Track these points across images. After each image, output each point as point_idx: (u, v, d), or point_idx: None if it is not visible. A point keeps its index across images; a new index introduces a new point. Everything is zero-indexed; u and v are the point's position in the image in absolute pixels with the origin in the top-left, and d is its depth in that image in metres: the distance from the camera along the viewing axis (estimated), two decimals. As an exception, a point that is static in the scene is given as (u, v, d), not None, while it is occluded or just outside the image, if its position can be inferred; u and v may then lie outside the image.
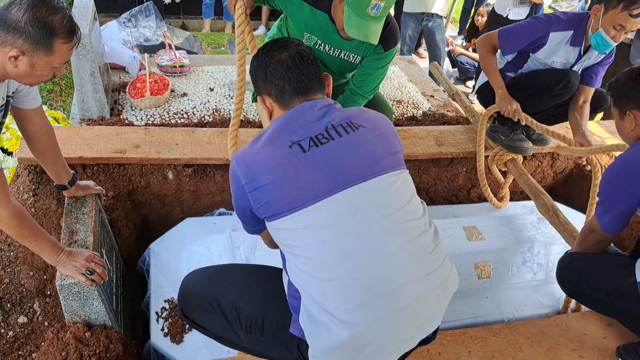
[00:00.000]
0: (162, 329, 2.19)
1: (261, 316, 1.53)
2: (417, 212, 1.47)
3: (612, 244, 2.21)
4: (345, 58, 2.58)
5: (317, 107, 1.48)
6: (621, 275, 1.95)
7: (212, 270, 1.71)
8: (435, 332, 1.57)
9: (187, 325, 2.19)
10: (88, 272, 1.80)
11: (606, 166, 3.43)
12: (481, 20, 6.19)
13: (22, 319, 2.11)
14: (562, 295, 2.58)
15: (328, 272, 1.34)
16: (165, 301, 2.29)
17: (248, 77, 1.78)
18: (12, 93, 1.72)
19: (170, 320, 2.22)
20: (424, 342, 1.55)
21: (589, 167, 3.52)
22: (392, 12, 2.62)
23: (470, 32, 6.63)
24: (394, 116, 3.61)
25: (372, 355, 1.39)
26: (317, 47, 2.54)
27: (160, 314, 2.25)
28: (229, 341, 1.65)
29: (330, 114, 1.48)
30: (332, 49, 2.54)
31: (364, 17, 2.21)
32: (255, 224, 1.53)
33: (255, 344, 1.58)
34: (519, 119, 2.72)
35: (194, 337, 2.16)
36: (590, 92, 2.78)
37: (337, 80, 2.78)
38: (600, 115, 5.00)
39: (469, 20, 6.93)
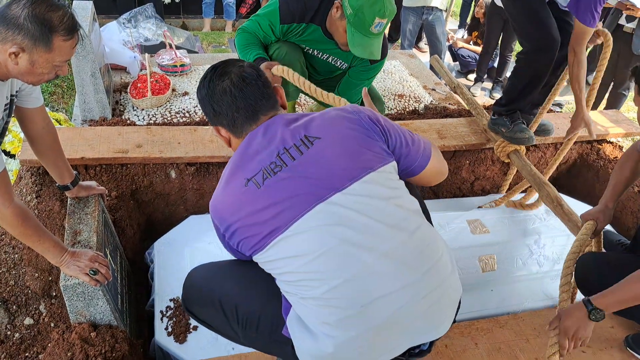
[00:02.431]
0: (167, 328, 2.19)
1: (257, 314, 1.52)
2: (396, 217, 1.39)
3: (615, 232, 2.17)
4: (332, 62, 2.68)
5: (263, 133, 1.45)
6: None
7: (215, 266, 1.71)
8: (431, 345, 1.50)
9: (191, 325, 2.20)
10: (92, 272, 1.80)
11: (610, 155, 3.42)
12: (480, 12, 6.19)
13: (28, 321, 2.11)
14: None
15: (309, 291, 1.35)
16: (170, 300, 2.29)
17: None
18: (17, 92, 1.72)
19: (174, 319, 2.22)
20: (418, 354, 1.49)
21: (592, 156, 3.50)
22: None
23: (471, 24, 6.61)
24: (395, 110, 3.61)
25: None
26: (304, 49, 2.58)
27: (164, 313, 2.25)
28: (229, 335, 1.66)
29: (279, 134, 1.43)
30: (321, 53, 2.61)
31: (367, 35, 2.31)
32: (247, 257, 1.54)
33: (250, 341, 1.61)
34: (518, 111, 2.77)
35: (199, 336, 2.16)
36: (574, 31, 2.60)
37: (324, 76, 2.84)
38: (603, 104, 4.98)
39: (470, 12, 6.91)
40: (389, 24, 2.51)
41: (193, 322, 2.20)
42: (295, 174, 1.38)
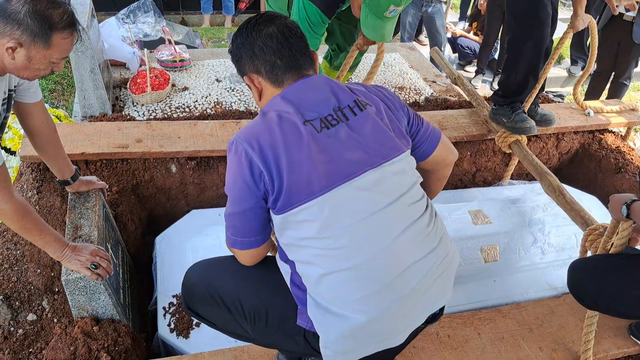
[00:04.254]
0: (169, 324, 2.19)
1: (264, 308, 1.48)
2: (418, 195, 1.46)
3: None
4: None
5: (319, 85, 1.42)
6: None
7: (213, 262, 1.65)
8: (442, 310, 1.56)
9: (194, 321, 2.19)
10: (93, 267, 1.80)
11: (612, 145, 3.41)
12: (484, 4, 6.16)
13: (31, 317, 2.11)
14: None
15: (338, 262, 1.32)
16: (172, 296, 2.28)
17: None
18: (14, 87, 1.71)
19: (177, 315, 2.21)
20: (432, 320, 1.54)
21: (594, 146, 3.49)
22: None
23: (473, 15, 6.59)
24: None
25: (383, 339, 1.39)
26: None
27: (167, 309, 2.24)
28: (235, 333, 1.61)
29: (331, 92, 1.42)
30: None
31: (381, 18, 2.30)
32: (255, 231, 1.43)
33: (261, 335, 1.55)
34: (520, 102, 2.78)
35: (202, 332, 2.16)
36: None
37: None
38: (604, 95, 4.96)
39: (471, 3, 6.89)
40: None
41: (196, 319, 2.20)
42: (350, 134, 1.37)
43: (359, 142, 1.37)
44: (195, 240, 2.49)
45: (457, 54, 6.58)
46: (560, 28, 3.14)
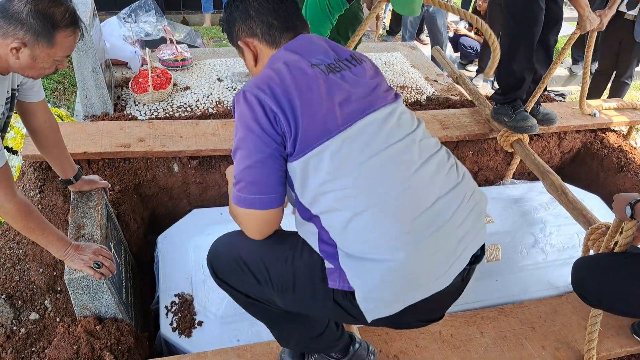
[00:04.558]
0: (172, 324, 2.19)
1: (291, 273, 1.41)
2: (427, 134, 1.46)
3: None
4: None
5: (316, 40, 1.44)
6: None
7: (237, 232, 1.56)
8: (482, 250, 1.46)
9: (197, 320, 2.19)
10: (96, 266, 1.80)
11: (614, 144, 3.41)
12: (482, 5, 6.16)
13: (33, 316, 2.11)
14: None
15: (360, 201, 1.27)
16: (175, 295, 2.28)
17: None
18: (17, 86, 1.72)
19: (179, 314, 2.21)
20: (475, 261, 1.44)
21: (596, 145, 3.49)
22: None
23: (472, 16, 6.58)
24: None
25: (426, 281, 1.30)
26: None
27: (169, 308, 2.24)
28: (265, 301, 1.52)
29: (331, 47, 1.44)
30: None
31: None
32: (274, 185, 1.33)
33: (290, 304, 1.47)
34: (520, 99, 2.78)
35: (204, 331, 2.16)
36: None
37: None
38: (606, 94, 4.96)
39: (472, 4, 6.89)
40: (390, 16, 2.53)
41: (198, 318, 2.19)
42: (353, 78, 1.39)
43: (365, 84, 1.40)
44: (197, 239, 2.49)
45: (458, 53, 6.58)
46: (567, 29, 3.15)
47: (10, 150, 2.73)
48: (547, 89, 4.59)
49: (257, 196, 1.32)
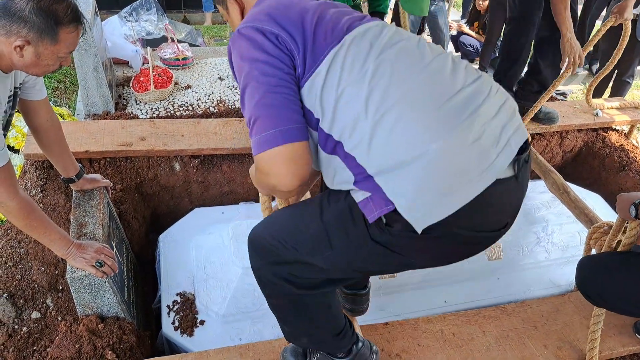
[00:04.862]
0: (173, 322, 2.19)
1: (323, 229, 1.34)
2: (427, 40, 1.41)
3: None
4: None
5: None
6: None
7: (267, 217, 1.56)
8: (527, 143, 1.29)
9: (198, 319, 2.19)
10: (98, 264, 1.80)
11: (615, 143, 3.41)
12: (482, 4, 6.14)
13: (35, 315, 2.11)
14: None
15: (379, 103, 1.18)
16: (176, 294, 2.28)
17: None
18: (20, 84, 1.71)
19: (181, 313, 2.21)
20: (523, 150, 1.27)
21: (598, 144, 3.49)
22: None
23: (472, 16, 6.58)
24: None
25: (474, 175, 1.17)
26: None
27: (171, 307, 2.24)
28: (311, 267, 1.44)
29: None
30: None
31: None
32: (292, 115, 1.22)
33: (331, 263, 1.40)
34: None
35: (206, 330, 2.16)
36: None
37: None
38: (607, 93, 4.95)
39: (472, 4, 6.87)
40: (390, 15, 2.52)
41: (200, 317, 2.20)
42: (347, 8, 1.40)
43: (352, 13, 1.39)
44: (198, 238, 2.49)
45: (459, 52, 6.57)
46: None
47: (11, 149, 2.73)
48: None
49: (277, 129, 1.19)
